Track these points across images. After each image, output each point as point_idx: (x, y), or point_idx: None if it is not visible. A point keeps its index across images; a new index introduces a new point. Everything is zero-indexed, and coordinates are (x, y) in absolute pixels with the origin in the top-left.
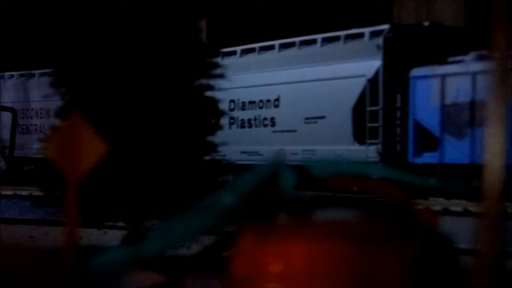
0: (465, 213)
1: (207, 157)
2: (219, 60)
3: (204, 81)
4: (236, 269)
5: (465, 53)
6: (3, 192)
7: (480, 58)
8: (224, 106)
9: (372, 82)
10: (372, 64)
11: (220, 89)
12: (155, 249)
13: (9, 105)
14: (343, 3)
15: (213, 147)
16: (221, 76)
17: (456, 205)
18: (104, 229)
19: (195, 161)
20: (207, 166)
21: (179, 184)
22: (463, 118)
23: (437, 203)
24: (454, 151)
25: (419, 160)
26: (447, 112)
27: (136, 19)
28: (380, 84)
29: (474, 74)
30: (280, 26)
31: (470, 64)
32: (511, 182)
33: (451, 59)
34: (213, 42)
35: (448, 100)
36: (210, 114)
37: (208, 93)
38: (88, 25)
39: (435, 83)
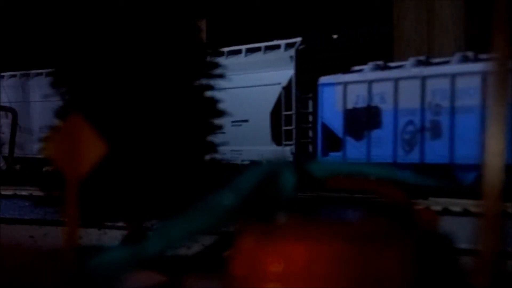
0: (465, 213)
1: (207, 157)
2: None
3: (204, 81)
4: (236, 269)
5: (365, 63)
6: (3, 192)
7: (377, 67)
8: None
9: (287, 89)
10: (286, 73)
11: (220, 89)
12: (155, 249)
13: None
14: (343, 3)
15: (213, 147)
16: (221, 76)
17: (456, 205)
18: (104, 229)
19: (195, 161)
20: (207, 166)
21: (179, 184)
22: (361, 121)
23: (437, 203)
24: (354, 150)
25: (326, 159)
26: (348, 116)
27: (136, 19)
28: (293, 91)
29: (370, 82)
30: (280, 26)
31: (367, 73)
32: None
33: (353, 68)
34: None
35: (349, 105)
36: (210, 114)
37: (208, 93)
38: (88, 25)
39: (339, 89)
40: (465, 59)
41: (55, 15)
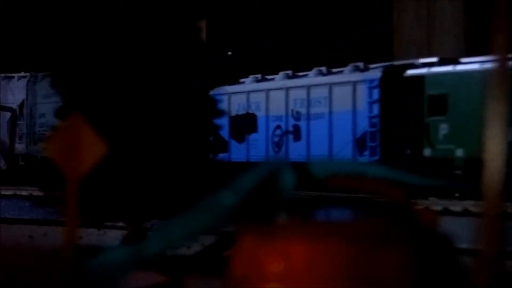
0: (465, 213)
1: (207, 157)
2: None
3: (203, 81)
4: (236, 269)
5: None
6: (3, 192)
7: (255, 80)
8: None
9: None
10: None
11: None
12: (155, 249)
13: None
14: (343, 3)
15: (213, 147)
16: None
17: (456, 205)
18: (104, 229)
19: (195, 161)
20: (207, 166)
21: (179, 184)
22: (242, 126)
23: (437, 203)
24: (237, 151)
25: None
26: (232, 122)
27: (136, 20)
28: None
29: (248, 93)
30: (280, 26)
31: (247, 85)
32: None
33: (240, 80)
34: (213, 42)
35: (233, 112)
36: (210, 114)
37: (208, 93)
38: (89, 25)
39: (226, 99)
40: (319, 73)
41: (56, 16)
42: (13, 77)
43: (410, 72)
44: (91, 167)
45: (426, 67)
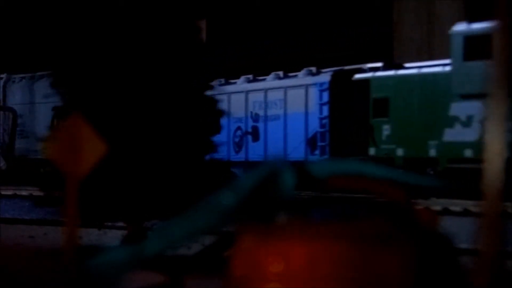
0: (465, 213)
1: (207, 157)
2: None
3: (204, 81)
4: (236, 269)
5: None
6: (3, 192)
7: (220, 84)
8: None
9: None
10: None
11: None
12: (155, 249)
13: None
14: (343, 3)
15: (213, 147)
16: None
17: (456, 205)
18: (104, 229)
19: (195, 161)
20: (207, 166)
21: (179, 184)
22: None
23: (437, 203)
24: None
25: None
26: None
27: (136, 20)
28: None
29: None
30: (280, 26)
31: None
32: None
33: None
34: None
35: None
36: (210, 114)
37: (208, 93)
38: (88, 25)
39: None
40: (276, 77)
41: (55, 16)
42: None
43: (357, 76)
44: (91, 167)
45: (372, 71)
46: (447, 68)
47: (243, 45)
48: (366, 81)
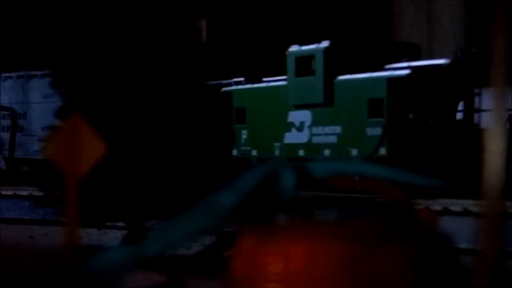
0: (465, 213)
1: (207, 157)
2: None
3: (204, 81)
4: (236, 269)
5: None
6: (3, 192)
7: None
8: None
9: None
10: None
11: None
12: (155, 249)
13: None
14: (343, 3)
15: (213, 147)
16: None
17: (456, 205)
18: (104, 229)
19: (195, 161)
20: (207, 166)
21: (179, 184)
22: None
23: (437, 203)
24: None
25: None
26: None
27: (136, 20)
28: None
29: None
30: (280, 26)
31: None
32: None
33: None
34: (213, 42)
35: None
36: (210, 114)
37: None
38: (88, 25)
39: None
40: None
41: (55, 16)
42: None
43: (224, 89)
44: (91, 167)
45: (235, 85)
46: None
47: (243, 45)
48: (230, 93)
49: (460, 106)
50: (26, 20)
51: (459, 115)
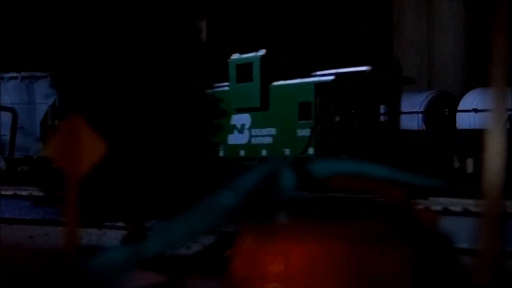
0: (465, 213)
1: (207, 157)
2: None
3: (204, 81)
4: (236, 269)
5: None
6: (3, 192)
7: None
8: None
9: (53, 106)
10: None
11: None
12: (155, 249)
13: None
14: (343, 3)
15: (213, 147)
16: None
17: (456, 205)
18: (104, 229)
19: (195, 161)
20: (207, 166)
21: (179, 184)
22: None
23: (437, 203)
24: None
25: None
26: None
27: (136, 20)
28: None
29: None
30: (280, 26)
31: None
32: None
33: None
34: (213, 42)
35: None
36: (210, 114)
37: (208, 93)
38: (88, 25)
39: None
40: None
41: (55, 16)
42: None
43: None
44: (90, 167)
45: None
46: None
47: (243, 45)
48: None
49: (384, 109)
50: (26, 20)
51: (383, 118)
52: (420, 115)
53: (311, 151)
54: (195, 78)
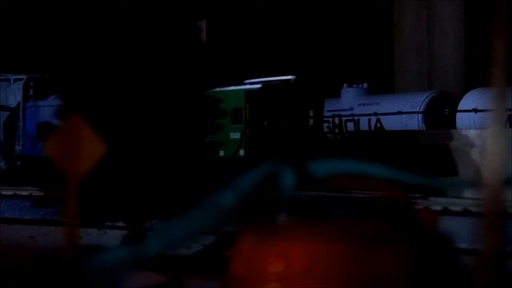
0: (465, 213)
1: (207, 157)
2: None
3: (204, 81)
4: (236, 269)
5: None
6: (3, 192)
7: None
8: None
9: (15, 110)
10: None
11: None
12: (155, 249)
13: None
14: (343, 3)
15: (213, 147)
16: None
17: (456, 205)
18: (104, 229)
19: (195, 161)
20: (207, 166)
21: (179, 184)
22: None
23: (437, 203)
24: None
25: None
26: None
27: (136, 20)
28: (20, 113)
29: None
30: (279, 26)
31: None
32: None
33: None
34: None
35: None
36: (210, 113)
37: (208, 93)
38: (88, 25)
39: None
40: None
41: (55, 16)
42: None
43: None
44: (90, 167)
45: None
46: None
47: (243, 45)
48: None
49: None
50: (25, 20)
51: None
52: (420, 115)
53: (241, 152)
54: (195, 78)
